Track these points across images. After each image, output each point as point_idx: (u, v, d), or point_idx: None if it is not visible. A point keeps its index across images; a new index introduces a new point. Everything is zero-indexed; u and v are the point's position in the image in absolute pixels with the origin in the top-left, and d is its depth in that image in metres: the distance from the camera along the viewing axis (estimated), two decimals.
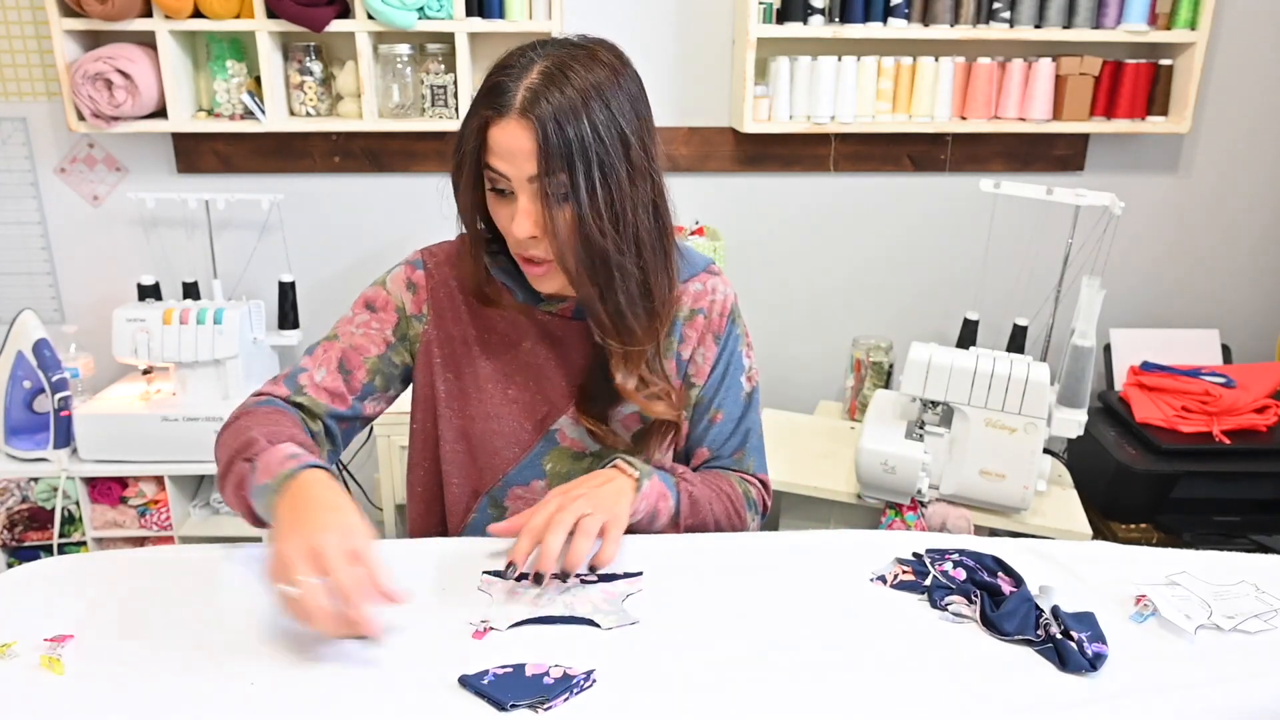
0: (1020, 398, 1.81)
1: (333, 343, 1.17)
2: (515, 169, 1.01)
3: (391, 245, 2.44)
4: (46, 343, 2.09)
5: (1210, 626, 0.94)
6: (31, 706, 0.79)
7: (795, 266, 2.54)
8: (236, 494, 1.02)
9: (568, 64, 1.01)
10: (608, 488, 1.06)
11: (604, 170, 1.01)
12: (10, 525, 2.18)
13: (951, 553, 1.05)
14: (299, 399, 1.13)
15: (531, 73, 1.00)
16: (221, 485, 1.05)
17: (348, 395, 1.15)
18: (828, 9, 2.23)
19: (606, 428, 1.16)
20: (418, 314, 1.18)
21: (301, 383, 1.14)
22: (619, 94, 1.03)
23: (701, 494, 1.18)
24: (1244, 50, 2.40)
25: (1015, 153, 2.45)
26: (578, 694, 0.82)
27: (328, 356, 1.16)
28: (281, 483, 0.93)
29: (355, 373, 1.16)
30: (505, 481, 1.19)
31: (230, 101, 2.24)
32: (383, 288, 1.19)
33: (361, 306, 1.19)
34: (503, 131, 1.00)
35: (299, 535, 0.86)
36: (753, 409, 1.27)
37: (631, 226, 1.05)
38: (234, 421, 1.09)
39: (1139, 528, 2.14)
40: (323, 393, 1.14)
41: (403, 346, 1.18)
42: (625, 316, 1.08)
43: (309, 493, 0.92)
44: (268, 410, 1.09)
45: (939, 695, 0.83)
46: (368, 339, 1.17)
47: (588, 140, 0.99)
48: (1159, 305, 2.62)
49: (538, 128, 0.98)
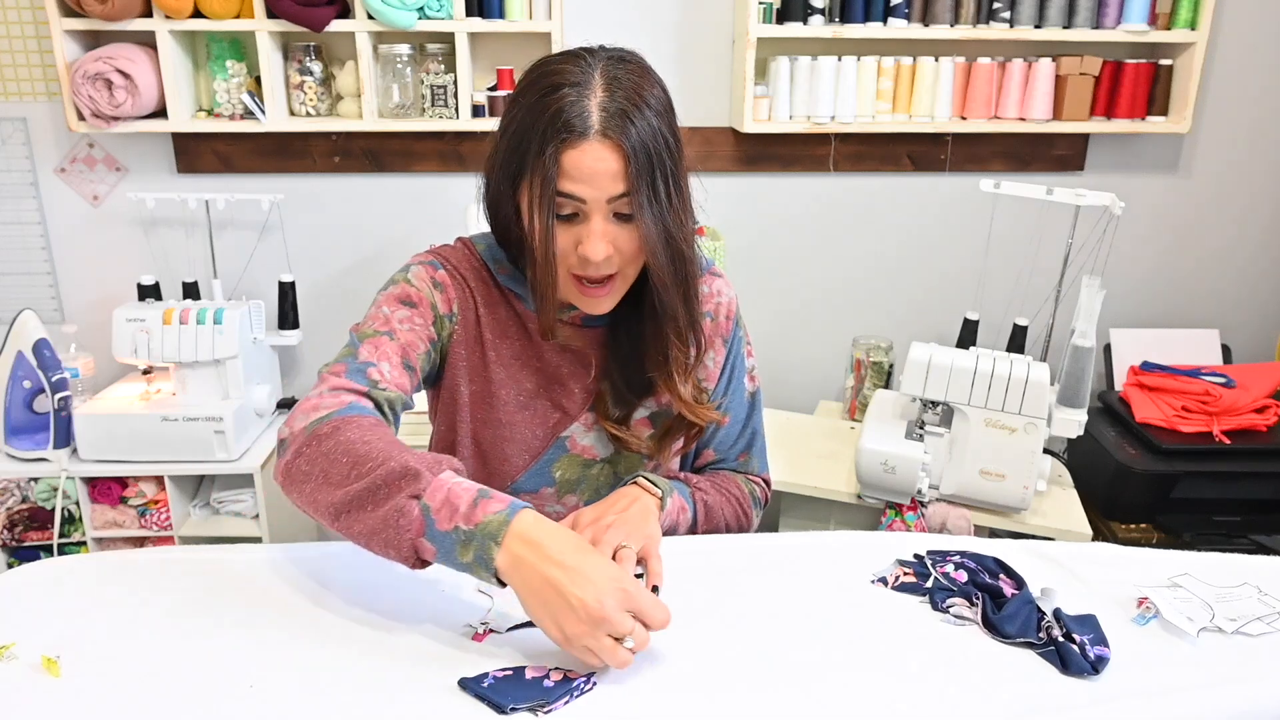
0: (1020, 398, 1.81)
1: (384, 339, 1.07)
2: (596, 191, 0.98)
3: (391, 245, 2.43)
4: (46, 343, 2.08)
5: (1212, 629, 0.94)
6: (31, 707, 0.79)
7: (795, 266, 2.54)
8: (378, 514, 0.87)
9: (619, 75, 0.99)
10: (635, 509, 1.04)
11: (673, 180, 1.01)
12: (10, 525, 2.18)
13: (953, 554, 1.05)
14: (379, 394, 1.03)
15: (595, 89, 0.97)
16: (346, 513, 0.89)
17: (409, 389, 1.08)
18: (828, 9, 2.22)
19: (629, 431, 1.17)
20: (448, 313, 1.14)
21: (373, 377, 1.04)
22: (661, 97, 1.02)
23: (714, 500, 1.20)
24: (1244, 50, 2.40)
25: (1015, 153, 2.45)
26: (578, 697, 0.82)
27: (385, 353, 1.06)
28: (499, 532, 0.84)
29: (415, 371, 1.09)
30: (514, 488, 1.18)
31: (230, 101, 2.24)
32: (410, 285, 1.11)
33: (397, 303, 1.10)
34: (584, 154, 0.97)
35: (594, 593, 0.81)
36: (756, 410, 1.28)
37: (690, 233, 1.06)
38: (334, 433, 0.93)
39: (1139, 528, 2.14)
40: (393, 387, 1.05)
41: (439, 344, 1.14)
42: (697, 322, 1.11)
43: (544, 542, 0.84)
44: (371, 421, 0.96)
45: (940, 698, 0.83)
46: (415, 335, 1.10)
47: (662, 153, 0.99)
48: (1159, 305, 2.61)
49: (626, 146, 0.96)
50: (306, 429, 0.95)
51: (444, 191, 2.40)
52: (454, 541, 0.85)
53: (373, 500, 0.88)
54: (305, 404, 0.99)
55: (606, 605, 0.80)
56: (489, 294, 1.15)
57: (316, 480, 0.92)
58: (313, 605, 0.95)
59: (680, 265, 1.05)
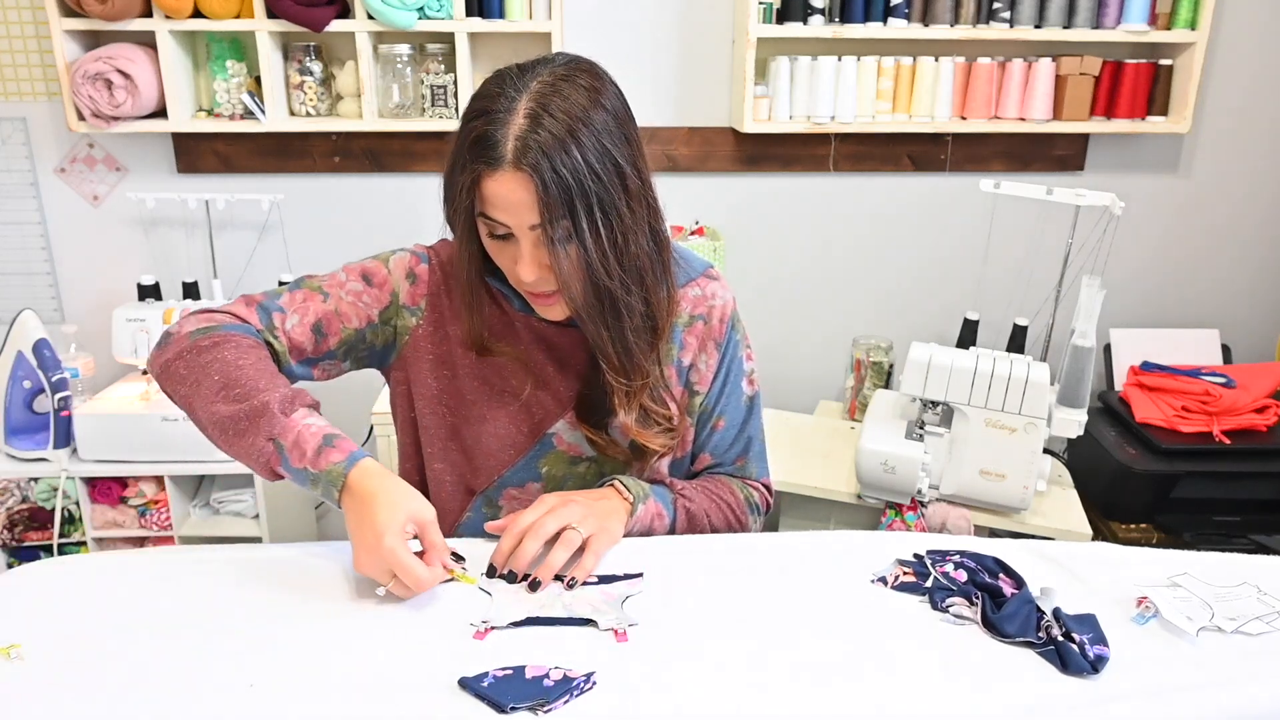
0: (1020, 398, 1.81)
1: (317, 297, 1.12)
2: (515, 218, 0.99)
3: (391, 245, 2.41)
4: (46, 343, 2.08)
5: (1212, 628, 0.94)
6: (31, 707, 0.79)
7: (795, 266, 2.54)
8: (241, 443, 0.99)
9: (550, 99, 0.97)
10: (603, 504, 1.08)
11: (604, 208, 0.99)
12: (10, 525, 2.18)
13: (953, 554, 1.05)
14: (270, 339, 1.09)
15: (517, 116, 0.96)
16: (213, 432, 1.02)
17: (309, 353, 1.12)
18: (828, 9, 2.22)
19: (607, 437, 1.16)
20: (411, 305, 1.16)
21: (275, 322, 1.10)
22: (607, 119, 0.99)
23: (699, 507, 1.18)
24: (1244, 50, 2.40)
25: (1015, 153, 2.45)
26: (578, 696, 0.82)
27: (307, 308, 1.11)
28: (338, 481, 0.97)
29: (328, 338, 1.12)
30: (500, 483, 1.19)
31: (230, 101, 2.24)
32: (384, 265, 1.17)
33: (358, 275, 1.15)
34: (499, 184, 0.97)
35: (369, 545, 0.94)
36: (754, 415, 1.26)
37: (634, 259, 1.04)
38: (213, 347, 1.03)
39: (1139, 528, 2.14)
40: (289, 342, 1.10)
41: (384, 330, 1.16)
42: (633, 353, 1.09)
43: (365, 488, 0.96)
44: (250, 342, 1.06)
45: (940, 697, 0.83)
46: (353, 309, 1.13)
47: (586, 182, 0.97)
48: (1159, 305, 2.61)
49: (535, 178, 0.95)
50: (191, 334, 1.05)
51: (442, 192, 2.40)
52: (305, 478, 0.98)
53: (235, 430, 0.99)
54: (202, 312, 1.10)
55: (363, 563, 0.95)
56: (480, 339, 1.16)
57: (189, 386, 1.03)
58: (313, 605, 0.95)
59: (604, 299, 1.03)
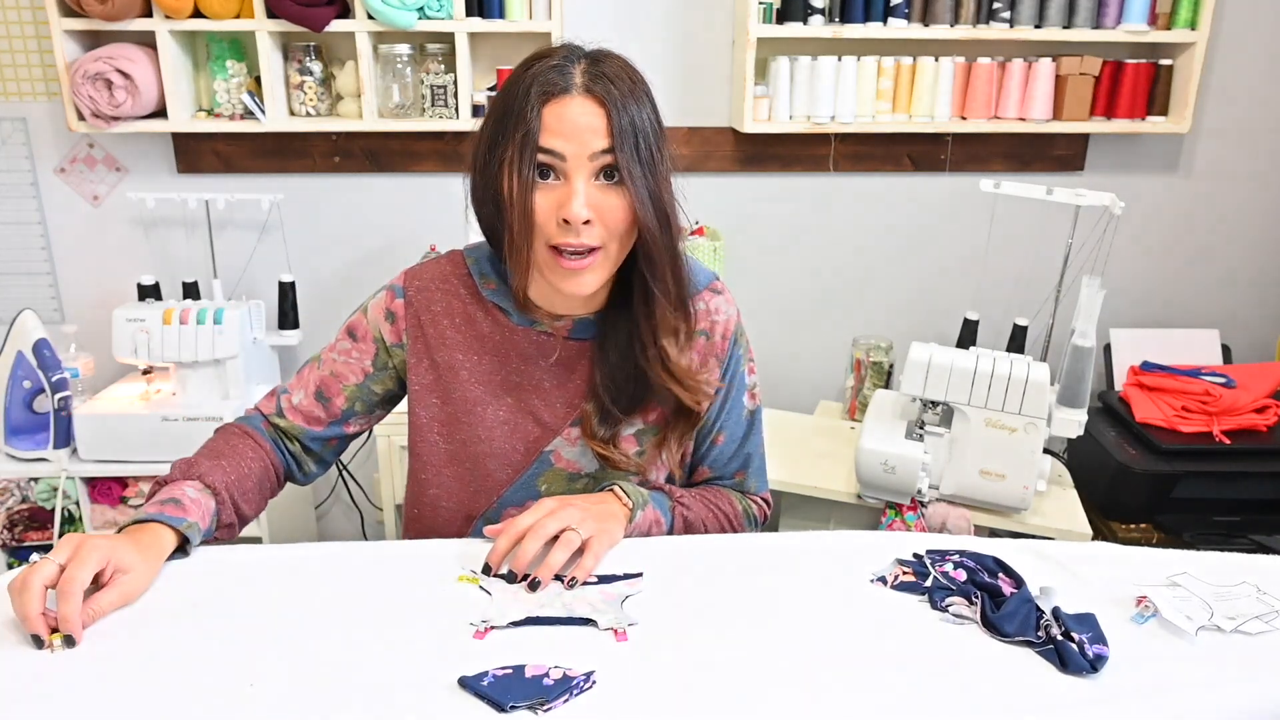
0: (1020, 398, 1.81)
1: (316, 367, 1.21)
2: (578, 146, 0.99)
3: (391, 245, 2.44)
4: (46, 343, 2.09)
5: (1211, 628, 0.94)
6: (31, 706, 0.79)
7: (795, 266, 2.54)
8: None
9: (607, 58, 1.03)
10: (602, 507, 1.08)
11: (653, 163, 1.02)
12: (10, 525, 2.18)
13: (952, 554, 1.05)
14: (278, 421, 1.20)
15: (580, 61, 1.01)
16: None
17: (325, 419, 1.20)
18: (828, 9, 2.22)
19: (617, 450, 1.15)
20: (397, 343, 1.18)
21: (283, 405, 1.20)
22: (651, 93, 1.05)
23: (697, 515, 1.19)
24: (1244, 50, 2.40)
25: (1015, 153, 2.45)
26: (577, 695, 0.82)
27: (309, 381, 1.21)
28: (131, 521, 1.00)
29: (334, 400, 1.20)
30: (500, 503, 1.18)
31: (230, 101, 2.24)
32: (364, 316, 1.20)
33: (345, 334, 1.21)
34: (567, 107, 0.98)
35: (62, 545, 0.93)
36: (755, 430, 1.26)
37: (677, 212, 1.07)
38: (212, 437, 1.18)
39: (1139, 528, 2.14)
40: (299, 416, 1.19)
41: (385, 375, 1.20)
42: (685, 285, 1.10)
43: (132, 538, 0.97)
44: (238, 434, 1.17)
45: (939, 697, 0.83)
46: (347, 367, 1.20)
47: (646, 126, 1.01)
48: (1159, 305, 2.62)
49: (608, 105, 0.99)
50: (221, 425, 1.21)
51: (444, 191, 2.40)
52: None
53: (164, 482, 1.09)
54: None
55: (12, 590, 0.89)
56: (467, 309, 1.16)
57: None
58: (313, 605, 0.95)
59: (668, 231, 1.05)
